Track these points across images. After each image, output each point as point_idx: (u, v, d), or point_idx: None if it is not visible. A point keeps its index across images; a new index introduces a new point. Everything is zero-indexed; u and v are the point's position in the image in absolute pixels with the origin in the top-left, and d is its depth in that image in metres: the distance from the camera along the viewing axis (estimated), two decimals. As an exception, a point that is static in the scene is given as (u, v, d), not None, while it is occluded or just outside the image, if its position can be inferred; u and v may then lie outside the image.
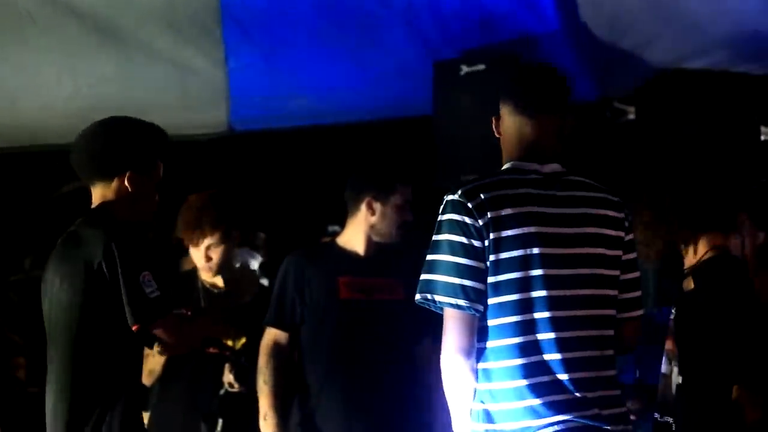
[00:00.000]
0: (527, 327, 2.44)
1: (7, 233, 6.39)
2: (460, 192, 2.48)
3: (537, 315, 2.44)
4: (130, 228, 2.86)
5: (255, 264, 3.46)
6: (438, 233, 2.48)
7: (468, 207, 2.46)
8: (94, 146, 2.96)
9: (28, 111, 5.34)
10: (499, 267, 2.44)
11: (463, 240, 2.44)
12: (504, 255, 2.44)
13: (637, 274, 2.63)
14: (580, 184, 2.59)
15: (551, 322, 2.45)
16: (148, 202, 2.98)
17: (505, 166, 2.60)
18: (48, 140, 5.68)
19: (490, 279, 2.44)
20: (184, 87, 5.23)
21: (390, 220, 3.75)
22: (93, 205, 2.97)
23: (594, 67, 4.99)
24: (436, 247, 2.47)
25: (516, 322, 2.44)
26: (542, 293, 2.45)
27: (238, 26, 5.00)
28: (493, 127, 2.67)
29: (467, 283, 2.43)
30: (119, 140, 2.95)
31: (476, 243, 2.44)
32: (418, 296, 2.51)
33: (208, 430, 3.98)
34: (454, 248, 2.44)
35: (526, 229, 2.46)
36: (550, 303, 2.45)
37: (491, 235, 2.44)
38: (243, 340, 3.96)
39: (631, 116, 5.08)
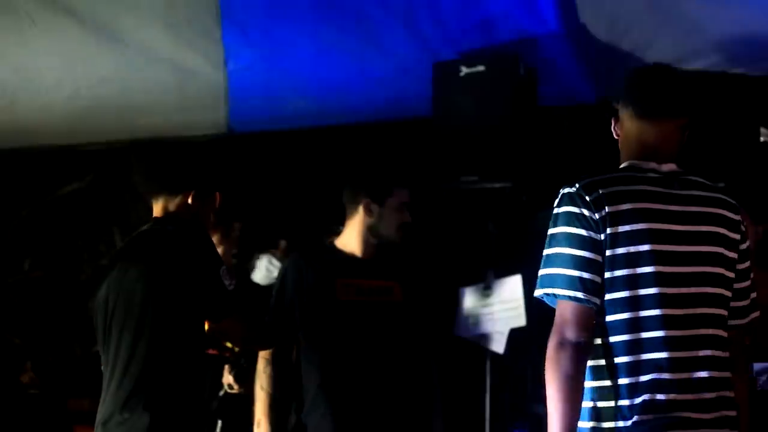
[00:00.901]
0: (638, 324, 2.42)
1: (5, 234, 6.38)
2: (577, 185, 2.47)
3: (647, 313, 2.42)
4: (203, 227, 3.09)
5: (275, 272, 3.48)
6: (554, 226, 2.47)
7: (586, 200, 2.44)
8: (167, 162, 3.17)
9: (27, 111, 5.33)
10: (615, 263, 2.42)
11: (582, 232, 2.43)
12: (620, 250, 2.42)
13: (749, 283, 2.61)
14: (698, 184, 2.58)
15: (662, 320, 2.42)
16: (204, 219, 3.16)
17: (622, 165, 2.60)
18: (47, 141, 5.68)
19: (606, 274, 2.43)
20: (183, 88, 5.23)
21: (388, 222, 3.75)
22: (155, 215, 3.16)
23: (593, 68, 4.99)
24: (554, 240, 2.46)
25: (628, 319, 2.42)
26: (655, 290, 2.43)
27: (238, 27, 5.00)
28: (612, 128, 2.66)
29: (586, 275, 2.41)
30: (191, 159, 3.19)
31: (594, 235, 2.42)
32: (539, 292, 2.48)
33: (208, 431, 3.99)
34: (572, 240, 2.43)
35: (642, 225, 2.45)
36: (662, 300, 2.43)
37: (608, 230, 2.42)
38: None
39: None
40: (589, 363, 2.44)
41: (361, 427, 3.64)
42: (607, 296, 2.43)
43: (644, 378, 2.40)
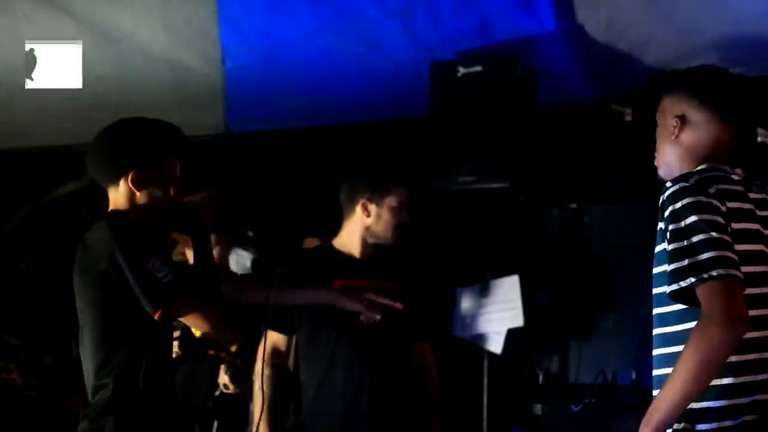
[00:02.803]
0: (760, 323, 2.39)
1: (3, 235, 6.38)
2: (692, 181, 2.41)
3: (753, 313, 2.36)
4: (133, 226, 2.83)
5: (248, 263, 3.45)
6: (684, 218, 2.36)
7: (710, 193, 2.39)
8: (97, 151, 2.95)
9: (24, 112, 5.33)
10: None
11: (719, 219, 2.36)
12: (740, 247, 2.38)
13: None
14: (765, 188, 2.59)
15: (764, 321, 2.42)
16: (159, 201, 2.91)
17: (702, 166, 2.53)
18: (45, 141, 5.68)
19: None
20: (181, 88, 5.22)
21: (385, 221, 3.74)
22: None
23: (591, 69, 4.99)
24: (691, 231, 2.34)
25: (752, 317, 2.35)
26: (758, 291, 2.41)
27: (235, 27, 5.00)
28: (675, 129, 2.60)
29: (735, 256, 2.33)
30: (117, 141, 2.93)
31: (726, 226, 2.37)
32: (690, 280, 2.32)
33: (203, 431, 3.98)
34: (713, 225, 2.34)
35: (752, 225, 2.44)
36: (762, 300, 2.43)
37: (731, 226, 2.39)
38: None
39: (628, 118, 5.08)
40: None
41: (360, 429, 3.64)
42: None
43: (756, 378, 2.38)
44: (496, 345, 4.86)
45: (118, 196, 2.90)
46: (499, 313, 4.86)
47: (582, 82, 5.06)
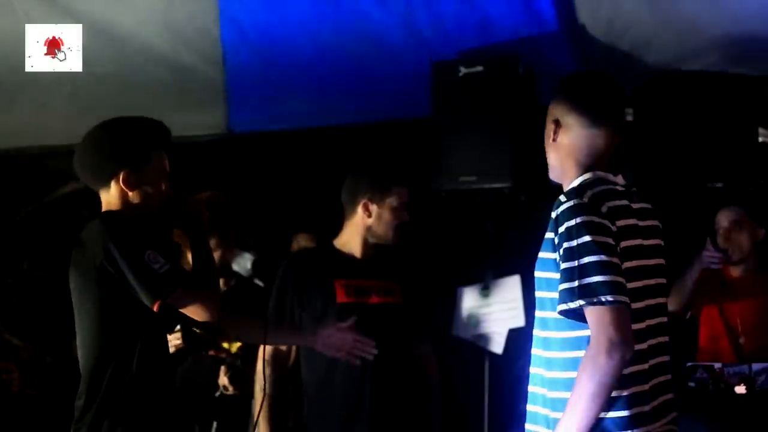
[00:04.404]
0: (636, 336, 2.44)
1: (4, 235, 6.37)
2: (585, 198, 2.45)
3: (643, 324, 2.47)
4: (126, 220, 2.83)
5: (248, 264, 3.45)
6: (577, 237, 2.40)
7: (602, 212, 2.43)
8: (84, 155, 2.96)
9: (26, 111, 5.33)
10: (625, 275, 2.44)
11: (609, 240, 2.41)
12: (626, 264, 2.44)
13: None
14: (642, 196, 2.63)
15: (645, 332, 2.49)
16: (152, 199, 2.93)
17: (587, 176, 2.57)
18: (46, 141, 5.68)
19: None
20: (181, 88, 5.22)
21: (386, 221, 3.74)
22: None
23: (592, 69, 4.98)
24: (583, 251, 2.39)
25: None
26: (641, 304, 2.48)
27: (236, 27, 5.00)
28: (551, 132, 2.64)
29: (623, 280, 2.40)
30: (102, 144, 2.94)
31: (616, 246, 2.42)
32: (579, 302, 2.39)
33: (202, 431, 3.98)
34: (604, 247, 2.39)
35: (635, 241, 2.49)
36: (642, 313, 2.49)
37: (621, 244, 2.44)
38: (239, 343, 3.95)
39: (629, 118, 5.07)
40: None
41: (361, 429, 3.63)
42: None
43: (636, 389, 2.45)
44: (497, 345, 4.85)
45: (110, 197, 2.92)
46: (501, 313, 4.85)
47: (583, 82, 5.05)
